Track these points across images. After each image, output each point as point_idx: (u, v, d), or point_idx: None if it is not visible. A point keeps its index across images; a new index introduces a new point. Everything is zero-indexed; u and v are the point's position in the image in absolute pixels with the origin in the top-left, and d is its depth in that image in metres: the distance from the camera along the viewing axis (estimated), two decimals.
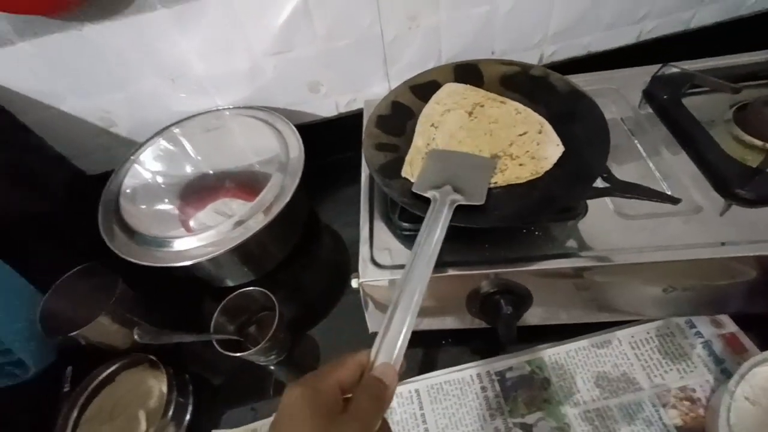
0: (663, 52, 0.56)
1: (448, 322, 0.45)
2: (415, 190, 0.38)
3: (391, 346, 0.25)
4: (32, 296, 0.44)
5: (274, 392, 0.47)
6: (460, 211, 0.35)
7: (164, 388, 0.42)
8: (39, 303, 0.43)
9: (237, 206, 0.48)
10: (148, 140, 0.57)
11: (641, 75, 0.53)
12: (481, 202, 0.37)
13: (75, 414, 0.42)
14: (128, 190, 0.52)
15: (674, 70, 0.51)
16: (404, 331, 0.26)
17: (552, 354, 0.44)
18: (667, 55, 0.53)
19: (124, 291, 0.45)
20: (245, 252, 0.49)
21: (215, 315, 0.43)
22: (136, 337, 0.38)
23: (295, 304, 0.54)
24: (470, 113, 0.46)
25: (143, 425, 0.41)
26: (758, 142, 0.44)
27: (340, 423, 0.22)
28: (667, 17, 0.61)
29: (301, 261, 0.58)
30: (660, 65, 0.52)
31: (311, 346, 0.50)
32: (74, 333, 0.41)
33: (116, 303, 0.43)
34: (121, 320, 0.44)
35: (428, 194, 0.36)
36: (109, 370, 0.45)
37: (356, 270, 0.41)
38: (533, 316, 0.43)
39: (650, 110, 0.51)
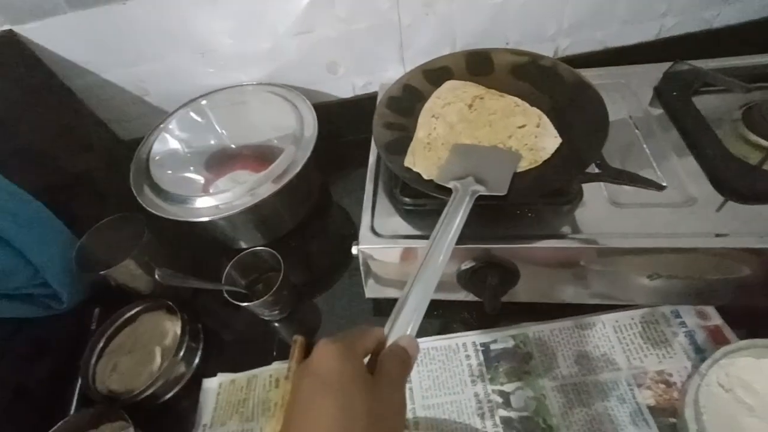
0: (684, 50, 0.54)
1: (440, 293, 0.47)
2: (437, 181, 0.39)
3: (405, 322, 0.27)
4: (70, 239, 0.50)
5: (276, 349, 0.50)
6: None
7: (178, 331, 0.47)
8: (76, 244, 0.49)
9: (253, 178, 0.51)
10: (176, 110, 0.61)
11: (655, 72, 0.53)
12: (504, 193, 0.37)
13: (100, 345, 0.48)
14: (157, 156, 0.56)
15: (686, 67, 0.51)
16: (419, 309, 0.27)
17: (537, 330, 0.46)
18: (688, 54, 0.52)
19: (150, 240, 0.49)
20: (257, 216, 0.53)
21: (227, 268, 0.47)
22: (157, 276, 0.43)
23: (301, 270, 0.57)
24: (470, 105, 0.47)
25: (158, 359, 0.46)
26: (764, 142, 0.44)
27: (375, 381, 0.24)
28: (689, 15, 0.60)
29: (311, 232, 0.61)
30: (672, 62, 0.52)
31: (313, 308, 0.53)
32: (104, 272, 0.46)
33: (141, 250, 0.48)
34: (145, 266, 0.49)
35: (450, 185, 0.37)
36: (132, 311, 0.50)
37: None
38: (520, 293, 0.45)
39: (660, 108, 0.51)
